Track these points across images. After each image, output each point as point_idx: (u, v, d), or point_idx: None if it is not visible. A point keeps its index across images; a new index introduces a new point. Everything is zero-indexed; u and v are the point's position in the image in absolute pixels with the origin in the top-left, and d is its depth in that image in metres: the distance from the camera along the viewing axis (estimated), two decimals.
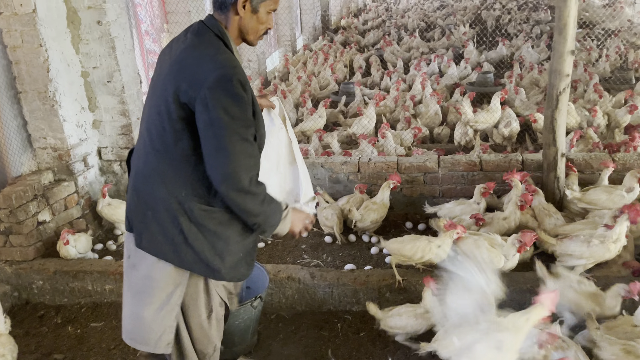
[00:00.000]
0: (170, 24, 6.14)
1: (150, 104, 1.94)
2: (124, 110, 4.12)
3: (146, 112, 1.97)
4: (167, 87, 1.83)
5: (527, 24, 11.22)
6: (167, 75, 1.86)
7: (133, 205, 1.99)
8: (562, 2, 3.27)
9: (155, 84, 1.95)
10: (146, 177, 1.94)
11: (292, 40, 10.63)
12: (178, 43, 1.93)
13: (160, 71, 1.94)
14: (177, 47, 1.91)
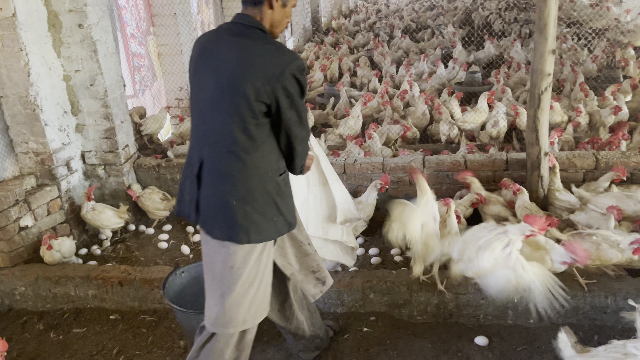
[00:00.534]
0: (157, 27, 6.12)
1: (217, 110, 2.00)
2: (107, 114, 4.09)
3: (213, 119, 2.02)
4: (239, 90, 1.93)
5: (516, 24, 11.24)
6: (234, 79, 1.93)
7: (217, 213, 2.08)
8: (542, 2, 3.27)
9: (213, 91, 2.00)
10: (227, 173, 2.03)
11: (282, 42, 10.61)
12: (221, 46, 2.01)
13: (213, 78, 1.99)
14: (225, 51, 1.98)
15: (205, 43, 2.09)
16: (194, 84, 2.11)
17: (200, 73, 2.06)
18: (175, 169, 4.36)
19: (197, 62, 2.08)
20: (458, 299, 3.02)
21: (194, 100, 2.13)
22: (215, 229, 2.08)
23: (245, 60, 1.92)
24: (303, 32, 12.14)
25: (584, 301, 2.89)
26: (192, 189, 2.11)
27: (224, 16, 8.19)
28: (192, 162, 2.12)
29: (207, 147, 2.05)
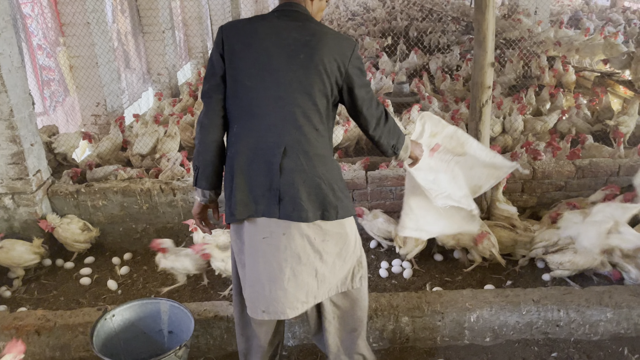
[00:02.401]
0: (68, 37, 5.58)
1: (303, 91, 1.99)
2: (13, 137, 3.61)
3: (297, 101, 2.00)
4: (321, 70, 1.97)
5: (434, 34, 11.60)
6: (317, 59, 1.97)
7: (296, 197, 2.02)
8: (480, 16, 3.27)
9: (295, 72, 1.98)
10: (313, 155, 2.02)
11: (204, 52, 10.23)
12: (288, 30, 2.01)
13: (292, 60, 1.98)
14: (296, 34, 2.00)
15: (257, 30, 2.04)
16: (254, 70, 2.02)
17: (268, 57, 2.01)
18: (97, 194, 3.94)
19: (257, 47, 2.02)
20: (414, 322, 2.90)
21: (253, 88, 2.03)
22: (308, 212, 2.03)
23: (322, 42, 1.99)
24: None
25: (537, 315, 2.88)
26: (270, 180, 2.02)
27: (142, 25, 7.71)
28: (264, 153, 2.02)
29: (294, 130, 2.00)
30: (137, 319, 2.82)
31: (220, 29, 2.09)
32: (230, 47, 2.04)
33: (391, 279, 3.54)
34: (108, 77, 5.91)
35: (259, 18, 2.10)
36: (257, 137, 2.03)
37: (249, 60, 2.02)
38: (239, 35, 2.04)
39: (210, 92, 2.10)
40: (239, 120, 2.07)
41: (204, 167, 2.14)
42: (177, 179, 4.04)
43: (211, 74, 2.09)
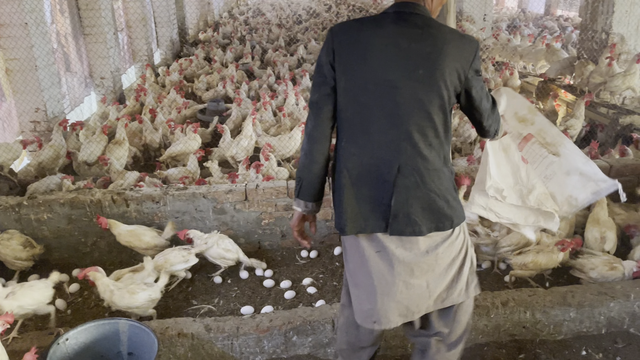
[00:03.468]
0: (3, 39, 5.19)
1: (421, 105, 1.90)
2: None
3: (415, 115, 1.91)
4: (443, 82, 1.88)
5: None
6: (439, 71, 1.87)
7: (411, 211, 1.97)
8: (441, 21, 3.29)
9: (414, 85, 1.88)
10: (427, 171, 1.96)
11: (149, 55, 9.87)
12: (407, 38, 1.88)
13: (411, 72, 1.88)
14: (416, 44, 1.87)
15: (373, 40, 1.90)
16: (371, 85, 1.91)
17: (385, 72, 1.89)
18: (42, 207, 3.66)
19: (373, 61, 1.89)
20: (387, 331, 2.86)
21: (368, 105, 1.92)
22: (422, 226, 1.98)
23: (444, 53, 1.87)
24: (171, 45, 11.45)
25: (504, 318, 2.91)
26: (381, 197, 1.96)
27: (83, 26, 7.32)
28: (376, 170, 1.96)
29: (409, 147, 1.93)
30: (94, 341, 2.62)
31: (330, 34, 1.95)
32: (343, 58, 1.92)
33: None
34: (48, 80, 5.55)
35: (373, 24, 1.94)
36: (369, 154, 1.95)
37: (365, 75, 1.90)
38: (353, 45, 1.91)
39: (321, 103, 1.99)
40: (349, 135, 1.98)
41: (309, 179, 2.07)
42: (130, 189, 3.83)
43: (321, 82, 1.97)
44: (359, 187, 1.98)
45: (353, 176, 1.99)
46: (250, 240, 3.90)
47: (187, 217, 3.77)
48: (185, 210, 3.76)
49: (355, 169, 1.98)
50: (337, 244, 3.95)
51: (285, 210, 3.83)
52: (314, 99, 2.00)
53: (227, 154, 4.97)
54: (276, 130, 5.65)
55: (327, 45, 1.95)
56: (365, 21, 1.95)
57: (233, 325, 2.81)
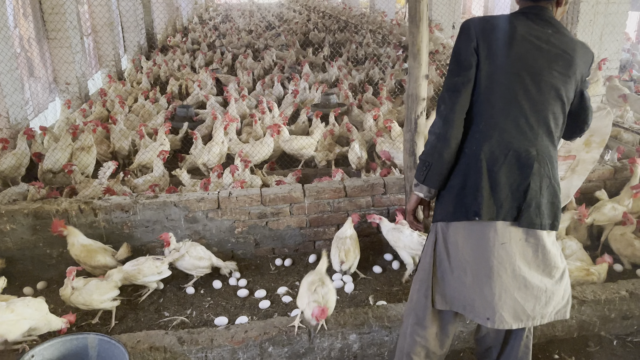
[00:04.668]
0: None
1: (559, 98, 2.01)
2: None
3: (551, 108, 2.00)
4: (576, 79, 2.03)
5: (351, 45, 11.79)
6: (575, 68, 2.01)
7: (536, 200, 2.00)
8: (414, 29, 3.31)
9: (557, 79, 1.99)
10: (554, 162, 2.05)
11: (117, 60, 9.65)
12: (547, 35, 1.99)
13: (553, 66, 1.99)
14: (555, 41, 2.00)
15: (516, 28, 1.99)
16: (514, 69, 1.97)
17: (529, 59, 1.98)
18: (4, 217, 3.50)
19: (518, 47, 1.97)
20: (362, 338, 2.84)
21: (511, 88, 1.97)
22: (546, 220, 2.02)
23: (576, 53, 2.02)
24: (138, 50, 11.24)
25: None
26: (518, 184, 1.98)
27: (47, 30, 7.10)
28: (515, 155, 1.98)
29: (545, 135, 2.01)
30: (61, 357, 2.53)
31: (468, 23, 2.02)
32: (488, 42, 1.97)
33: None
34: (10, 86, 5.35)
35: (510, 17, 2.04)
36: (509, 138, 1.98)
37: (510, 59, 1.97)
38: (496, 31, 1.98)
39: (460, 87, 1.99)
40: (489, 118, 1.99)
41: (440, 164, 2.03)
42: (98, 198, 3.71)
43: (462, 67, 1.99)
44: (496, 171, 1.98)
45: (490, 160, 1.98)
46: (224, 249, 3.83)
47: (158, 227, 3.68)
48: (156, 219, 3.66)
49: (492, 153, 1.98)
50: (311, 251, 3.92)
51: (259, 218, 3.78)
52: (452, 82, 2.00)
53: (198, 161, 4.88)
54: (246, 137, 5.59)
55: (466, 34, 2.00)
56: (500, 17, 2.05)
57: (207, 337, 2.74)
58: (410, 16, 3.32)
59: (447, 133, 2.00)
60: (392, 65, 9.28)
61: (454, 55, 2.03)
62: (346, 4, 17.85)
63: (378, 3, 15.49)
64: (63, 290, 3.03)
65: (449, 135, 2.00)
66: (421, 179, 2.09)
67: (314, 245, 3.95)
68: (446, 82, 2.04)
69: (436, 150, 2.03)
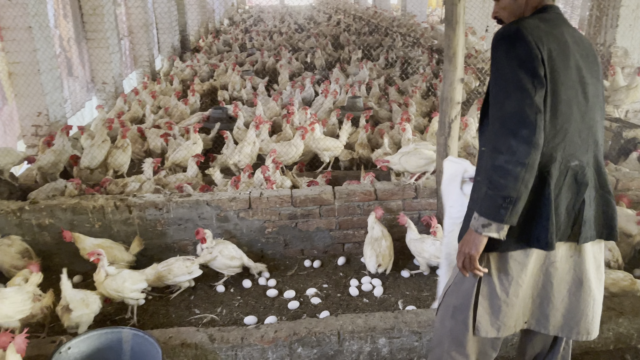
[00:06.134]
0: (7, 42, 5.16)
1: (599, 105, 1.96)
2: None
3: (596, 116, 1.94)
4: (601, 89, 1.97)
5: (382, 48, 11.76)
6: (598, 68, 1.98)
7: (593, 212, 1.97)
8: (451, 32, 3.28)
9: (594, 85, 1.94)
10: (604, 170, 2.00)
11: (151, 61, 9.86)
12: (580, 37, 1.95)
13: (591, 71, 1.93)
14: (584, 44, 1.95)
15: (564, 35, 1.89)
16: (571, 82, 1.86)
17: (579, 69, 1.89)
18: (44, 212, 3.62)
19: (572, 57, 1.87)
20: (392, 343, 2.82)
21: (569, 102, 1.86)
22: (596, 230, 1.98)
23: (596, 53, 1.99)
24: (172, 51, 11.45)
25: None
26: (574, 202, 1.92)
27: (86, 31, 7.30)
28: (573, 173, 1.90)
29: (593, 146, 1.94)
30: (96, 350, 2.58)
31: (523, 31, 1.78)
32: (549, 54, 1.80)
33: (362, 297, 3.45)
34: (50, 85, 5.52)
35: (552, 22, 1.89)
36: (567, 157, 1.87)
37: (568, 70, 1.84)
38: (551, 40, 1.82)
39: (540, 105, 1.76)
40: (552, 138, 1.83)
41: (525, 197, 1.80)
42: (133, 195, 3.79)
43: (538, 83, 1.76)
44: (557, 194, 1.88)
45: (553, 182, 1.86)
46: (253, 248, 3.86)
47: (190, 225, 3.73)
48: (188, 217, 3.72)
49: (555, 173, 1.86)
50: (340, 254, 3.92)
51: (289, 219, 3.80)
52: (533, 102, 1.75)
53: (230, 161, 4.94)
54: (277, 139, 5.62)
55: (526, 43, 1.77)
56: (544, 19, 1.88)
57: (237, 336, 2.77)
58: (447, 19, 3.30)
59: (535, 161, 1.77)
60: (423, 68, 9.22)
61: (519, 70, 1.77)
62: (377, 7, 17.81)
63: (409, 6, 15.41)
64: (97, 275, 3.11)
65: (536, 162, 1.78)
66: (503, 218, 1.80)
67: (343, 247, 3.95)
68: (523, 102, 1.76)
69: (524, 182, 1.77)
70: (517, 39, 1.78)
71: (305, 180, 4.45)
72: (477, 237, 1.86)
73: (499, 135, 1.79)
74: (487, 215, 1.82)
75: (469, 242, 1.89)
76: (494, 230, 1.82)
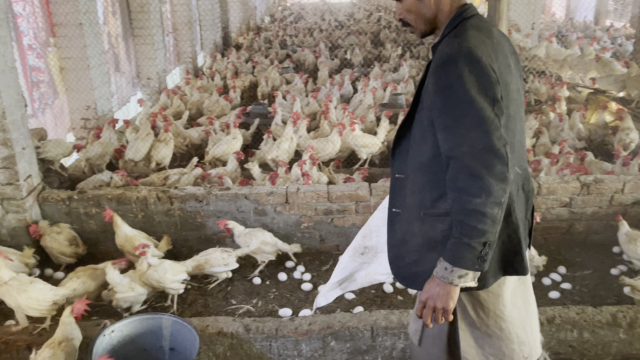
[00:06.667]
0: (59, 38, 5.41)
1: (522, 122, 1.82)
2: (5, 140, 3.44)
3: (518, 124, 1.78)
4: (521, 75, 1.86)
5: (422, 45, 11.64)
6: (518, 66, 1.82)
7: None
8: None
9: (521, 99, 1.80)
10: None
11: (194, 57, 10.09)
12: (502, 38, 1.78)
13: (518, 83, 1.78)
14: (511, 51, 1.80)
15: (502, 44, 1.73)
16: (513, 95, 1.71)
17: (516, 79, 1.76)
18: (91, 201, 3.78)
19: (512, 68, 1.74)
20: None
21: (514, 118, 1.73)
22: None
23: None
24: (214, 47, 11.66)
25: (549, 335, 2.82)
26: (530, 223, 1.90)
27: (133, 28, 7.55)
28: (527, 194, 1.84)
29: (525, 159, 1.85)
30: (137, 334, 2.69)
31: (475, 51, 1.57)
32: (500, 71, 1.62)
33: (396, 294, 3.45)
34: (99, 79, 5.74)
35: (489, 30, 1.71)
36: (516, 167, 1.75)
37: (511, 84, 1.69)
38: (498, 54, 1.65)
39: (505, 135, 1.58)
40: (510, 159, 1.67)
41: (495, 240, 1.63)
42: (174, 187, 3.90)
43: (499, 110, 1.58)
44: (521, 217, 1.78)
45: (517, 207, 1.74)
46: (289, 242, 3.90)
47: (228, 217, 3.82)
48: (227, 210, 3.81)
49: (514, 193, 1.73)
50: None
51: (325, 214, 3.83)
52: (502, 135, 1.57)
53: (268, 156, 5.01)
54: (314, 135, 5.67)
55: (481, 65, 1.57)
56: (479, 28, 1.68)
57: (272, 327, 2.83)
58: (489, 16, 3.26)
59: (506, 197, 1.59)
60: None
61: (479, 96, 1.55)
62: None
63: None
64: (139, 266, 3.23)
65: (505, 200, 1.59)
66: (483, 266, 1.62)
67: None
68: (490, 134, 1.55)
69: (499, 222, 1.60)
70: (471, 62, 1.57)
71: (342, 177, 4.47)
72: (451, 289, 1.64)
73: (468, 175, 1.56)
74: (464, 266, 1.60)
75: (440, 296, 1.65)
76: (470, 279, 1.63)
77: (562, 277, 3.55)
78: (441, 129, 1.63)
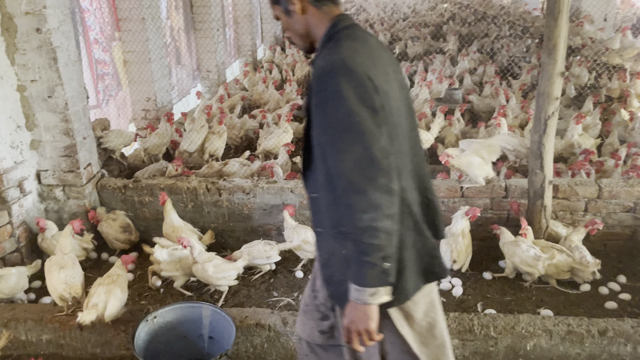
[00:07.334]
0: (123, 32, 5.66)
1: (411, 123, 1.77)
2: (67, 129, 3.64)
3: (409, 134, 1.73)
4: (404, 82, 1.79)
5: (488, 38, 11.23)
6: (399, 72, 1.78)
7: None
8: (552, 22, 3.06)
9: (409, 109, 1.76)
10: None
11: (253, 50, 10.26)
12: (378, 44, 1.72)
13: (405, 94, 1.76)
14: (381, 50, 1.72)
15: (381, 55, 1.68)
16: (397, 104, 1.66)
17: (397, 87, 1.70)
18: (144, 190, 3.93)
19: (391, 77, 1.67)
20: (465, 345, 2.73)
21: (401, 126, 1.68)
22: None
23: None
24: (274, 40, 11.82)
25: (600, 348, 2.66)
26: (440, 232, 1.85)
27: (195, 22, 7.77)
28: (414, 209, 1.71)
29: (422, 169, 1.79)
30: (179, 322, 2.78)
31: (351, 64, 1.54)
32: (377, 79, 1.58)
33: (439, 295, 3.36)
34: (159, 72, 5.96)
35: (365, 39, 1.67)
36: (416, 183, 1.74)
37: (392, 92, 1.64)
38: (376, 62, 1.63)
39: (388, 146, 1.56)
40: (401, 169, 1.65)
41: (394, 252, 1.60)
42: (223, 179, 3.99)
43: (380, 120, 1.55)
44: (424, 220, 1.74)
45: (413, 207, 1.71)
46: None
47: (275, 210, 3.86)
48: (273, 203, 3.85)
49: (408, 198, 1.68)
50: None
51: None
52: (384, 145, 1.53)
53: None
54: None
55: (357, 76, 1.53)
56: (354, 37, 1.64)
57: None
58: (549, 8, 3.08)
59: (395, 208, 1.56)
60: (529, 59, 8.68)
61: (356, 107, 1.50)
62: None
63: None
64: (186, 260, 3.32)
65: (396, 211, 1.56)
66: (389, 280, 1.58)
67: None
68: (372, 146, 1.51)
69: (395, 233, 1.56)
70: (346, 73, 1.52)
71: None
72: (368, 309, 1.59)
73: (354, 192, 1.51)
74: (371, 284, 1.56)
75: (360, 318, 1.60)
76: (383, 294, 1.59)
77: (621, 286, 3.34)
78: (324, 144, 1.58)
